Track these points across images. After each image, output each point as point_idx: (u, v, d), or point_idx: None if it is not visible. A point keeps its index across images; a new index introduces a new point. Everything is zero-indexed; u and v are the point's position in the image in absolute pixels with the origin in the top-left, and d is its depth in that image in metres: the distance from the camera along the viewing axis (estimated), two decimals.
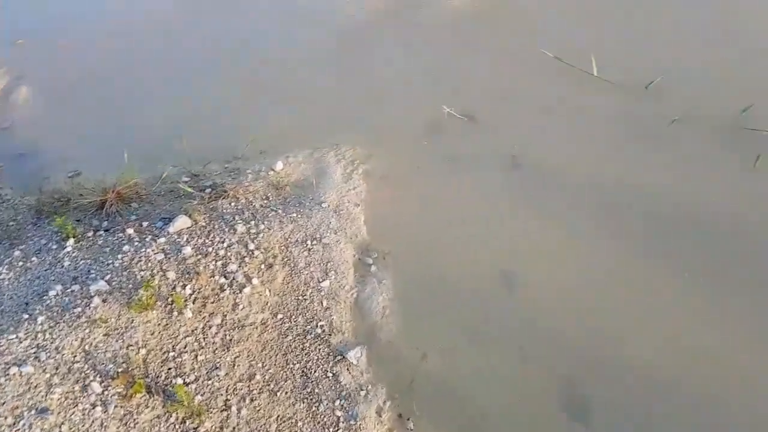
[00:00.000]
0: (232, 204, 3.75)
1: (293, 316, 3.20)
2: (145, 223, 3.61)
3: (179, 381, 2.85)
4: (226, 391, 2.86)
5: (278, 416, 2.80)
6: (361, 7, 5.77)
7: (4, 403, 2.66)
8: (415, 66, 5.00)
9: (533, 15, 5.40)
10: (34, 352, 2.86)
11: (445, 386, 2.93)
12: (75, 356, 2.87)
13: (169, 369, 2.90)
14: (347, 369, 2.99)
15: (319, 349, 3.06)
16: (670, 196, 3.68)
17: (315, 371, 2.97)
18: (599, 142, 4.12)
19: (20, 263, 3.41)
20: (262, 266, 3.38)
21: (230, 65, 5.22)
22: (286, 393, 2.89)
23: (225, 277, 3.31)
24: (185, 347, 3.00)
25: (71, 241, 3.48)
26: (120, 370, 2.85)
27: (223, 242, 3.48)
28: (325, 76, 4.99)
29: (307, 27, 5.60)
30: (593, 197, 3.74)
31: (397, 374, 2.99)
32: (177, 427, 2.71)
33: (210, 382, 2.89)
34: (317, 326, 3.16)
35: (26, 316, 3.03)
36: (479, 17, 5.45)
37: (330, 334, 3.13)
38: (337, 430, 2.75)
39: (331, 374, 2.97)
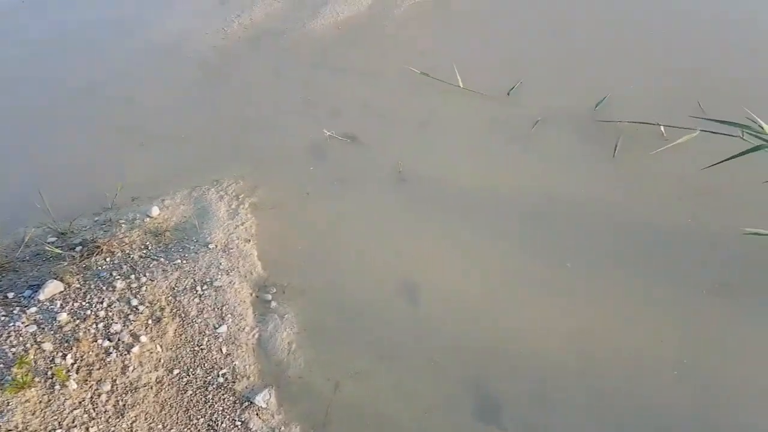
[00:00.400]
0: (108, 259, 3.56)
1: (191, 369, 3.10)
2: (10, 294, 3.33)
3: None
4: None
5: None
6: (222, 37, 5.75)
7: None
8: (288, 92, 5.05)
9: (394, 37, 5.67)
10: None
11: (360, 412, 2.97)
12: None
13: None
14: (257, 414, 2.94)
15: (224, 399, 2.99)
16: (544, 192, 4.01)
17: (222, 422, 2.90)
18: (474, 149, 4.40)
19: None
20: (150, 321, 3.25)
21: (87, 109, 4.97)
22: None
23: (109, 339, 3.14)
24: (73, 421, 2.80)
25: None
26: None
27: (102, 302, 3.29)
28: (195, 111, 4.90)
29: (168, 61, 5.47)
30: (475, 201, 3.99)
31: (310, 409, 2.99)
32: None
33: None
34: (219, 375, 3.08)
35: None
36: (342, 41, 5.63)
37: (234, 381, 3.07)
38: None
39: (239, 422, 2.90)
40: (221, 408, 2.95)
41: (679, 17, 5.58)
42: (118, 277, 3.45)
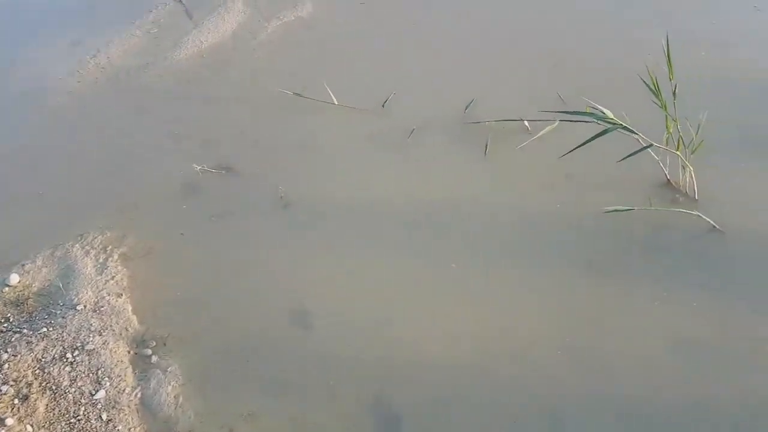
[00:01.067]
0: None
1: None
2: None
3: None
4: None
5: None
6: (78, 80, 5.49)
7: None
8: (153, 129, 4.90)
9: (262, 60, 5.66)
10: None
11: None
12: None
13: None
14: None
15: None
16: (425, 199, 4.12)
17: None
18: (354, 164, 4.46)
19: None
20: (16, 401, 3.02)
21: None
22: None
23: None
24: None
25: None
26: None
27: None
28: (52, 163, 4.65)
29: (19, 112, 5.17)
30: (359, 215, 4.05)
31: None
32: None
33: None
34: None
35: None
36: (208, 70, 5.55)
37: None
38: None
39: None
40: None
41: (531, 16, 5.95)
42: None
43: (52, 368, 3.18)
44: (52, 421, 2.98)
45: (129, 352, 3.34)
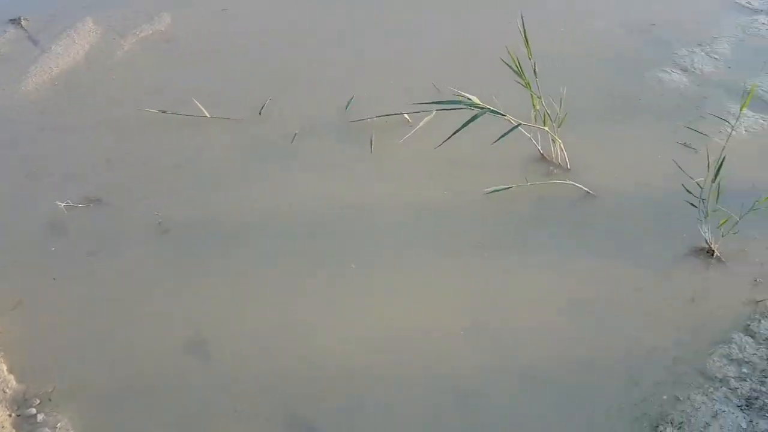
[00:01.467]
0: None
1: None
2: None
3: None
4: None
5: None
6: None
7: None
8: (3, 170, 4.66)
9: (122, 80, 5.54)
10: None
11: None
12: None
13: None
14: None
15: None
16: (316, 203, 4.22)
17: None
18: (236, 176, 4.48)
19: None
20: None
21: None
22: None
23: None
24: None
25: None
26: None
27: None
28: None
29: None
30: (247, 230, 4.07)
31: None
32: None
33: None
34: None
35: None
36: (63, 97, 5.35)
37: None
38: None
39: None
40: None
41: (396, 10, 6.25)
42: None
43: None
44: None
45: (10, 416, 3.17)
